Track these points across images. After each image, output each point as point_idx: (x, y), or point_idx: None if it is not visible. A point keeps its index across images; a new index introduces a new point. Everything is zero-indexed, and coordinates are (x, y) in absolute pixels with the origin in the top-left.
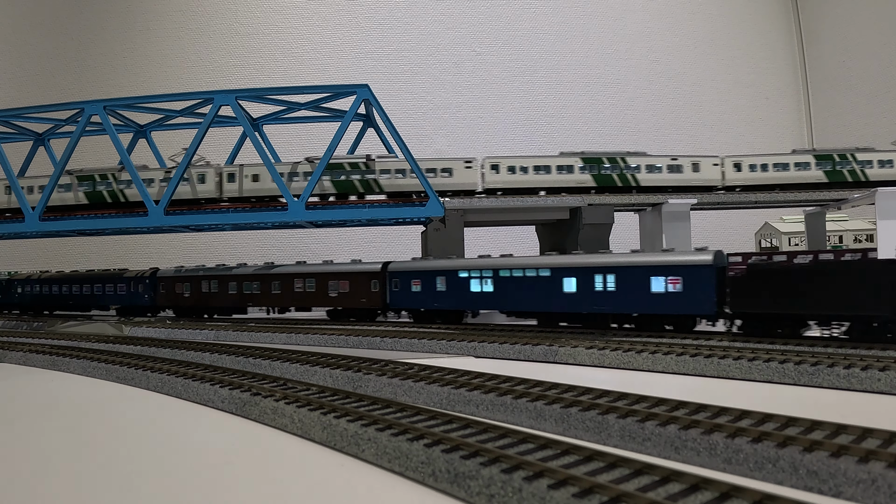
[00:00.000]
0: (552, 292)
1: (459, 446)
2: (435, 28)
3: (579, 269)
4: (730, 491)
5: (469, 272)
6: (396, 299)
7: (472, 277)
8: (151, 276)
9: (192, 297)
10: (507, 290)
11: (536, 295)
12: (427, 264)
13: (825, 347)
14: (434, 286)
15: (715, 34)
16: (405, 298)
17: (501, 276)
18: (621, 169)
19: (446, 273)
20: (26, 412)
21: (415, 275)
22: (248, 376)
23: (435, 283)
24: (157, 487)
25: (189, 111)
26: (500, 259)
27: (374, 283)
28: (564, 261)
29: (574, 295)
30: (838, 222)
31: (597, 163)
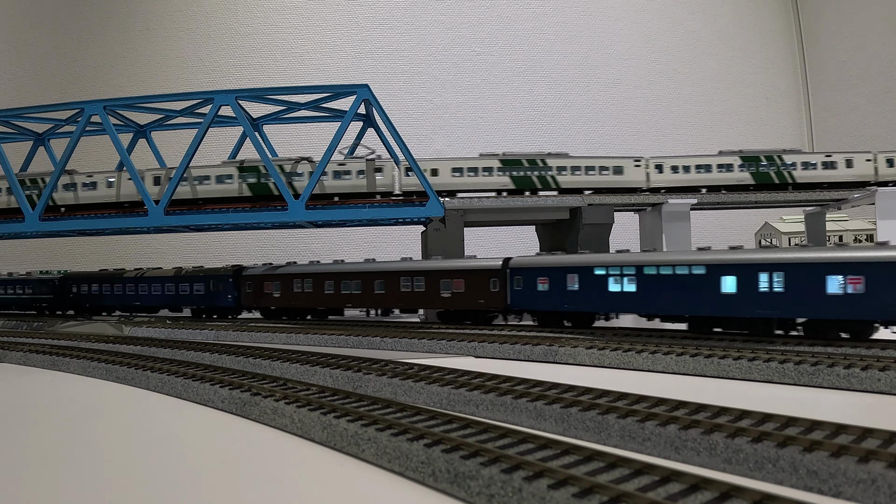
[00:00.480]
0: (707, 293)
1: (459, 446)
2: (435, 28)
3: (740, 266)
4: (730, 491)
5: (607, 269)
6: (519, 299)
7: (610, 275)
8: (235, 275)
9: (282, 296)
10: (651, 289)
11: (688, 296)
12: (557, 260)
13: (825, 347)
14: (564, 285)
15: (715, 34)
16: (529, 299)
17: (646, 273)
18: (778, 167)
19: (580, 270)
20: (26, 412)
21: (542, 272)
22: (248, 376)
23: (565, 282)
24: (157, 487)
25: (189, 111)
26: (645, 254)
27: (493, 282)
28: (722, 257)
29: (733, 296)
30: (838, 222)
31: (755, 161)
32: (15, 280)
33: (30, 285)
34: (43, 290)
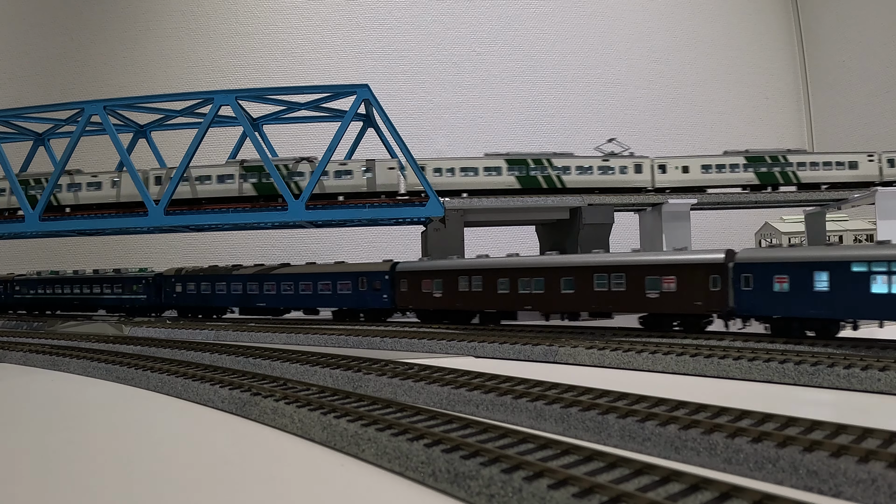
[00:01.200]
0: None
1: (459, 446)
2: (435, 28)
3: None
4: (730, 491)
5: (869, 265)
6: (748, 302)
7: (874, 272)
8: (391, 271)
9: (444, 296)
10: None
11: None
12: (799, 254)
13: (825, 347)
14: (809, 284)
15: (715, 34)
16: (762, 301)
17: None
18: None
19: (832, 266)
20: (26, 412)
21: (779, 267)
22: (248, 376)
23: (811, 281)
24: (157, 487)
25: (189, 111)
26: None
27: (713, 280)
28: None
29: None
30: (838, 222)
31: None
32: (101, 278)
33: (119, 284)
34: (136, 289)
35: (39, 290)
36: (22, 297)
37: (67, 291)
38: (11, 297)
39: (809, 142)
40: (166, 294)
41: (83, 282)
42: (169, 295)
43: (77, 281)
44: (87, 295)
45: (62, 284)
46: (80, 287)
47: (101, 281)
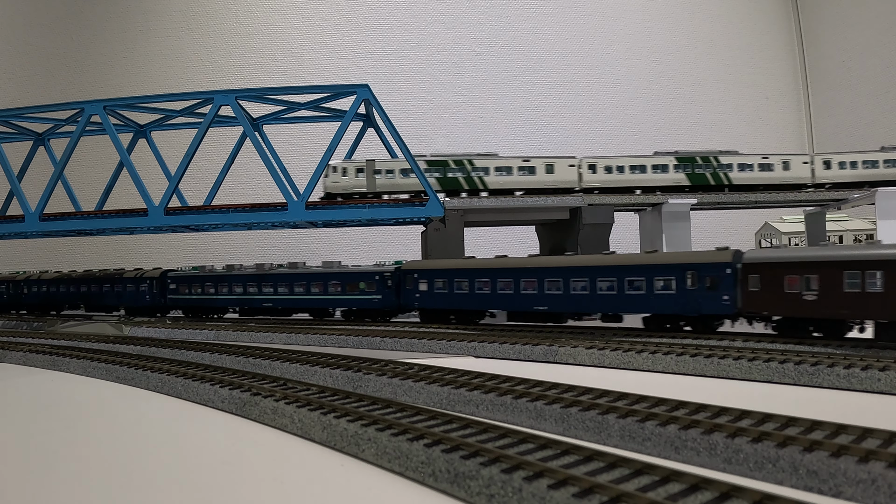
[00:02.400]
0: None
1: (459, 446)
2: (435, 28)
3: None
4: (730, 491)
5: None
6: None
7: None
8: (733, 262)
9: (820, 300)
10: None
11: None
12: None
13: (825, 347)
14: None
15: (715, 34)
16: None
17: None
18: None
19: None
20: (26, 412)
21: None
22: (248, 376)
23: None
24: (157, 487)
25: (189, 111)
26: None
27: None
28: None
29: None
30: (838, 222)
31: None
32: (309, 273)
33: (336, 279)
34: (367, 287)
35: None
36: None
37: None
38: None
39: (809, 142)
40: (406, 293)
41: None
42: (410, 294)
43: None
44: (317, 296)
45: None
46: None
47: (308, 278)
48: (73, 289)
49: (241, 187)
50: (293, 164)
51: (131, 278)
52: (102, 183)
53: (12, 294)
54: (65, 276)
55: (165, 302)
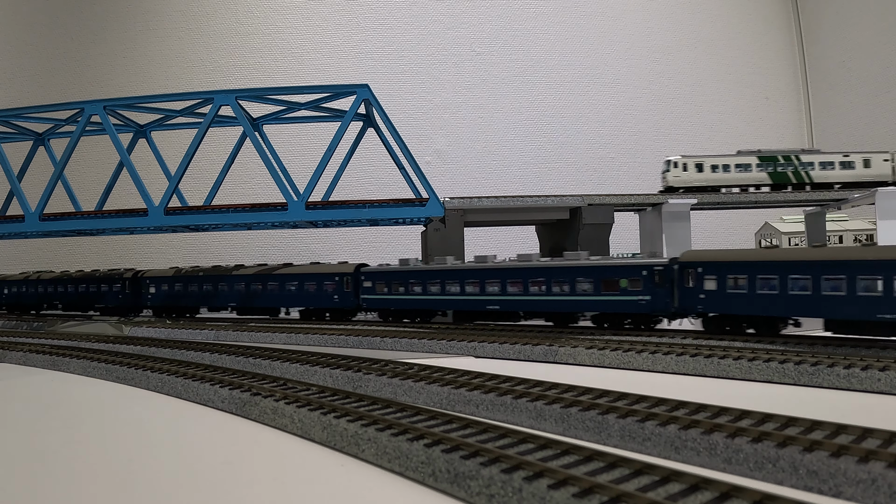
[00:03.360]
0: None
1: (459, 446)
2: (435, 28)
3: None
4: (730, 491)
5: None
6: None
7: None
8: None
9: None
10: None
11: None
12: None
13: (825, 347)
14: None
15: (715, 34)
16: None
17: None
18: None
19: None
20: (26, 412)
21: None
22: (248, 376)
23: None
24: (157, 487)
25: (189, 111)
26: None
27: None
28: None
29: None
30: (838, 222)
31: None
32: (548, 268)
33: (587, 275)
34: (632, 285)
35: None
36: None
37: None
38: None
39: (809, 142)
40: (686, 293)
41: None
42: (692, 294)
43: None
44: (561, 297)
45: None
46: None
47: (576, 271)
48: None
49: (241, 187)
50: (293, 164)
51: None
52: (102, 183)
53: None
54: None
55: (359, 302)
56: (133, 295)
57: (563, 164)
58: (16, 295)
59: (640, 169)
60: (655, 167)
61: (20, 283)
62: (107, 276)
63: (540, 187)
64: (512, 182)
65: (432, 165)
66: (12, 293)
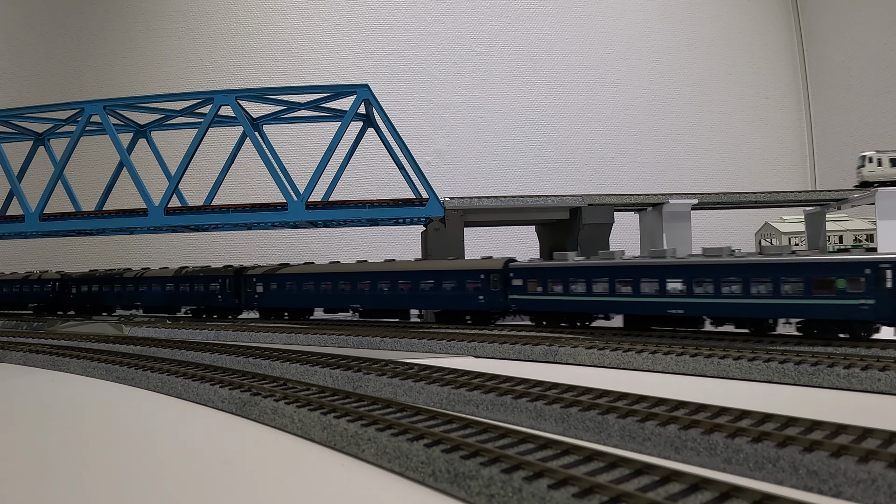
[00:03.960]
0: None
1: (459, 446)
2: (435, 28)
3: None
4: (730, 491)
5: None
6: None
7: None
8: None
9: None
10: None
11: None
12: None
13: (825, 347)
14: None
15: (715, 34)
16: None
17: None
18: None
19: None
20: (26, 412)
21: None
22: (248, 376)
23: None
24: (157, 488)
25: (189, 111)
26: None
27: None
28: None
29: None
30: (838, 222)
31: None
32: (739, 265)
33: (791, 273)
34: (851, 286)
35: None
36: None
37: None
38: None
39: (809, 142)
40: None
41: None
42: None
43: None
44: (755, 299)
45: None
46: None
47: (777, 268)
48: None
49: (241, 187)
50: (293, 164)
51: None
52: (102, 183)
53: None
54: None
55: (507, 303)
56: (234, 294)
57: (563, 164)
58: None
59: (640, 169)
60: (655, 167)
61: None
62: (213, 274)
63: (540, 187)
64: (512, 182)
65: (432, 165)
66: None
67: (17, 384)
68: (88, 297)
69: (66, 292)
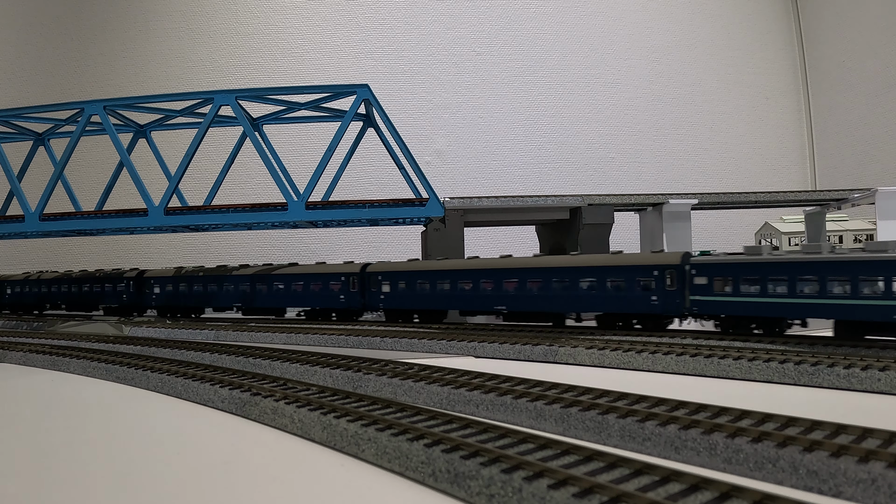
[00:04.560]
0: None
1: (459, 446)
2: (435, 28)
3: None
4: (730, 491)
5: None
6: None
7: None
8: None
9: None
10: None
11: None
12: None
13: (825, 347)
14: None
15: (715, 34)
16: None
17: None
18: None
19: None
20: (26, 412)
21: None
22: (248, 376)
23: None
24: (157, 488)
25: (189, 111)
26: None
27: None
28: None
29: None
30: (838, 222)
31: None
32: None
33: None
34: None
35: None
36: None
37: None
38: None
39: (809, 142)
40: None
41: None
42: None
43: None
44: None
45: None
46: None
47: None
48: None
49: (241, 187)
50: (293, 164)
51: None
52: (102, 183)
53: None
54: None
55: (686, 305)
56: (359, 294)
57: (563, 164)
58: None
59: (640, 169)
60: (655, 167)
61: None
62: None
63: (540, 187)
64: (512, 182)
65: (432, 165)
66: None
67: (17, 384)
68: (172, 297)
69: (146, 292)
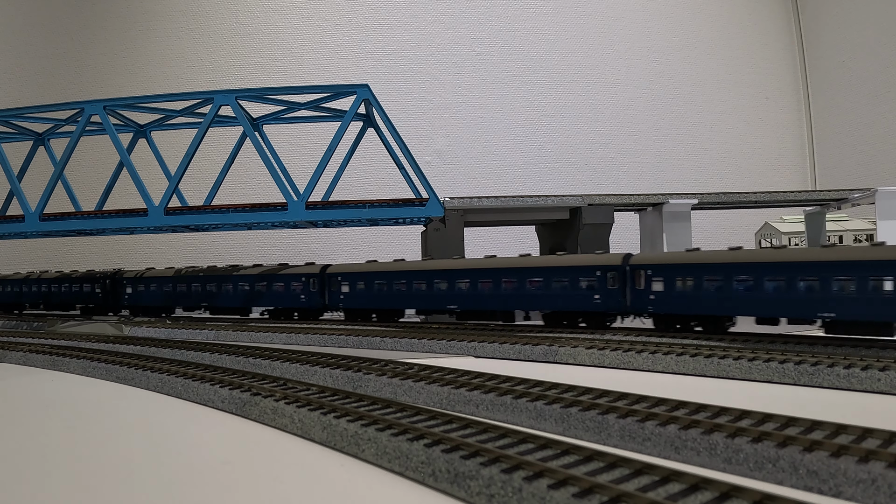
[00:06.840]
0: None
1: (459, 446)
2: (435, 28)
3: None
4: (730, 491)
5: None
6: None
7: None
8: None
9: None
10: None
11: None
12: None
13: (825, 347)
14: None
15: (715, 34)
16: None
17: None
18: None
19: None
20: (26, 412)
21: None
22: (248, 376)
23: None
24: (157, 488)
25: (189, 111)
26: None
27: None
28: None
29: None
30: (838, 222)
31: None
32: None
33: None
34: None
35: None
36: None
37: None
38: None
39: (809, 142)
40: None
41: None
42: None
43: None
44: None
45: None
46: None
47: None
48: None
49: (241, 187)
50: (293, 164)
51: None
52: (102, 183)
53: None
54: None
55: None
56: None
57: (563, 164)
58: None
59: (640, 169)
60: (655, 167)
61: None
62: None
63: (540, 187)
64: (512, 182)
65: (432, 165)
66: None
67: (17, 384)
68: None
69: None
